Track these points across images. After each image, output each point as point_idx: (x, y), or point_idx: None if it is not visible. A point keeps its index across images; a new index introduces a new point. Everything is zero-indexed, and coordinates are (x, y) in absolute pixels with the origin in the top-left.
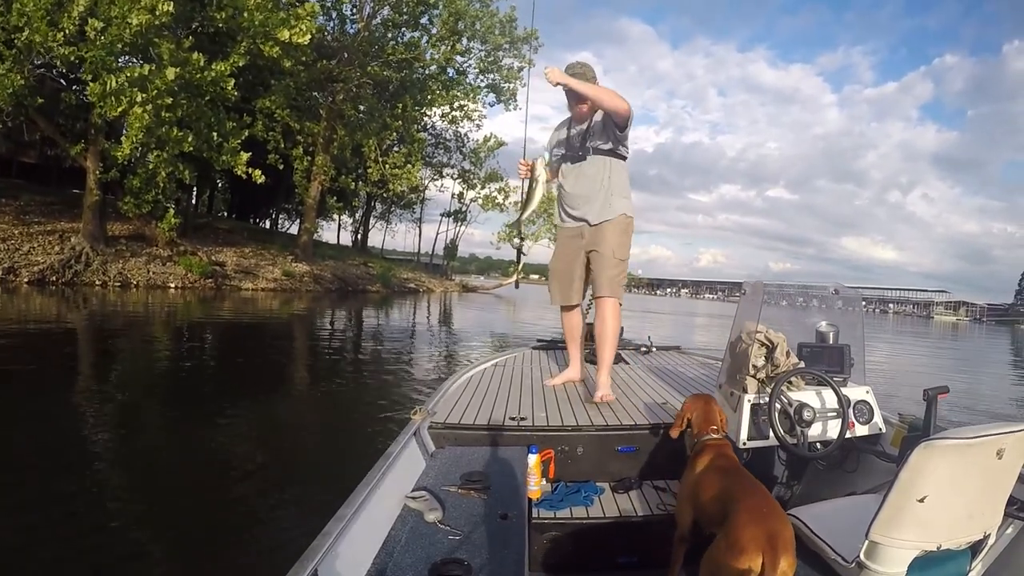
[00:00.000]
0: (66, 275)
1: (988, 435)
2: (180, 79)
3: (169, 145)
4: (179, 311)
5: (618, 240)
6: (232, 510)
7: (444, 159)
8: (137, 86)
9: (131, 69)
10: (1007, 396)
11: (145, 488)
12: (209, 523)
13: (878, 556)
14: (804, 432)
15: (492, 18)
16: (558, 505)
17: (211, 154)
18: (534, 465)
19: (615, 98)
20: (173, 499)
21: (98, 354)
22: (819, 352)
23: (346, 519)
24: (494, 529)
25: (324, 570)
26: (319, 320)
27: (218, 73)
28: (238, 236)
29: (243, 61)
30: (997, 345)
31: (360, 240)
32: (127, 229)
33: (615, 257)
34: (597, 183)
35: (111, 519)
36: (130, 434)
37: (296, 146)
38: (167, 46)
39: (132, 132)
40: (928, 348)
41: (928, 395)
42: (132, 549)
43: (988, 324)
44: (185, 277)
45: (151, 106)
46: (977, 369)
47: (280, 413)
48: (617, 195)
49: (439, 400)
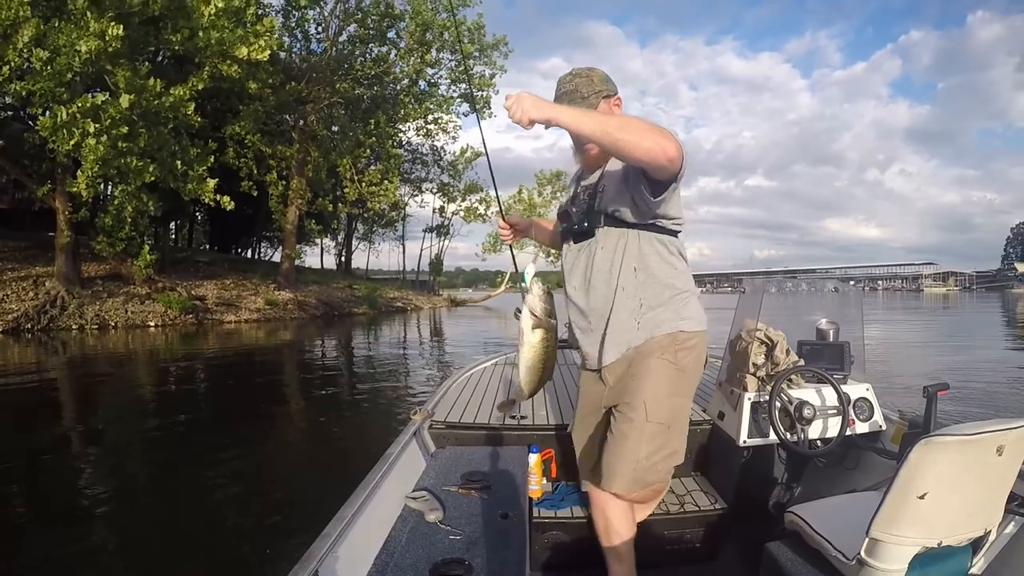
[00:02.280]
0: (41, 321)
1: (988, 432)
2: (137, 106)
3: (131, 177)
4: (161, 350)
5: (661, 385)
6: (232, 519)
7: (422, 174)
8: (90, 116)
9: (83, 99)
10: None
11: (143, 522)
12: (208, 531)
13: (879, 553)
14: (804, 430)
15: (460, 27)
16: (559, 504)
17: (176, 183)
18: (535, 465)
19: (643, 133)
20: (173, 511)
21: (81, 402)
22: (819, 349)
23: (347, 519)
24: (495, 529)
25: (325, 570)
26: (306, 348)
27: (176, 98)
28: (218, 268)
29: (202, 84)
30: (989, 311)
31: (344, 262)
32: (103, 269)
33: (649, 420)
34: (610, 283)
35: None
36: (123, 472)
37: (270, 171)
38: (123, 73)
39: (87, 165)
40: (921, 323)
41: (928, 392)
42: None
43: (978, 291)
44: (164, 314)
45: (106, 137)
46: (974, 341)
47: (274, 442)
48: (652, 302)
49: (439, 400)
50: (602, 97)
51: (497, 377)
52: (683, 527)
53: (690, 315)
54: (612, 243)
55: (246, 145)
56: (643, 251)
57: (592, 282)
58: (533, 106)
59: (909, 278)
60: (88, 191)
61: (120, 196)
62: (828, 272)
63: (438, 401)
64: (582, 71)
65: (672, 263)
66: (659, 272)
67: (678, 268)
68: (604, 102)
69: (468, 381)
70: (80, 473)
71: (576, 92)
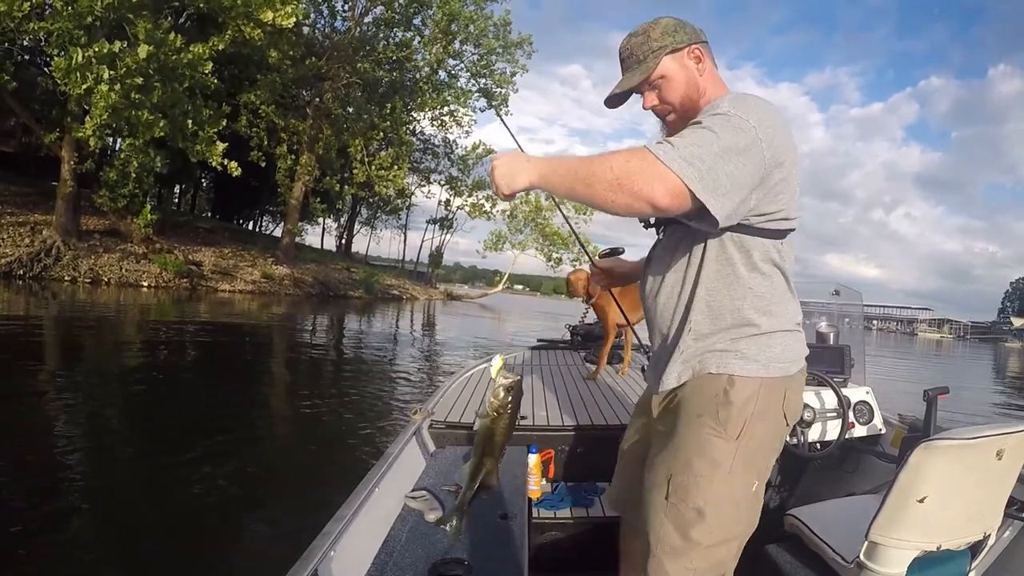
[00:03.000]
0: (34, 269)
1: (988, 436)
2: (154, 59)
3: (140, 131)
4: (152, 310)
5: (706, 438)
6: (229, 517)
7: (432, 165)
8: (105, 63)
9: (100, 44)
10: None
11: (128, 504)
12: (205, 529)
13: (878, 556)
14: (804, 433)
15: (486, 21)
16: (558, 505)
17: (185, 143)
18: (534, 465)
19: (614, 183)
20: (166, 508)
21: (64, 356)
22: (819, 352)
23: (346, 519)
24: (495, 529)
25: (324, 570)
26: (299, 326)
27: (195, 56)
28: (219, 236)
29: (223, 45)
30: (980, 361)
31: (345, 245)
32: (102, 224)
33: (692, 476)
34: (664, 294)
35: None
36: (109, 446)
37: (280, 144)
38: (144, 25)
39: (96, 112)
40: (915, 363)
41: (928, 396)
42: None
43: (971, 341)
44: (159, 276)
45: (119, 86)
46: (964, 384)
47: (271, 423)
48: (705, 327)
49: (439, 400)
50: (666, 53)
51: None
52: None
53: (755, 354)
54: (675, 243)
55: (260, 115)
56: (708, 256)
57: (648, 290)
58: (502, 180)
59: (904, 321)
60: (96, 141)
61: (127, 150)
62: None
63: (438, 401)
64: (640, 28)
65: (748, 278)
66: (725, 287)
67: (755, 287)
68: (672, 59)
69: (468, 381)
70: (57, 450)
71: (632, 57)
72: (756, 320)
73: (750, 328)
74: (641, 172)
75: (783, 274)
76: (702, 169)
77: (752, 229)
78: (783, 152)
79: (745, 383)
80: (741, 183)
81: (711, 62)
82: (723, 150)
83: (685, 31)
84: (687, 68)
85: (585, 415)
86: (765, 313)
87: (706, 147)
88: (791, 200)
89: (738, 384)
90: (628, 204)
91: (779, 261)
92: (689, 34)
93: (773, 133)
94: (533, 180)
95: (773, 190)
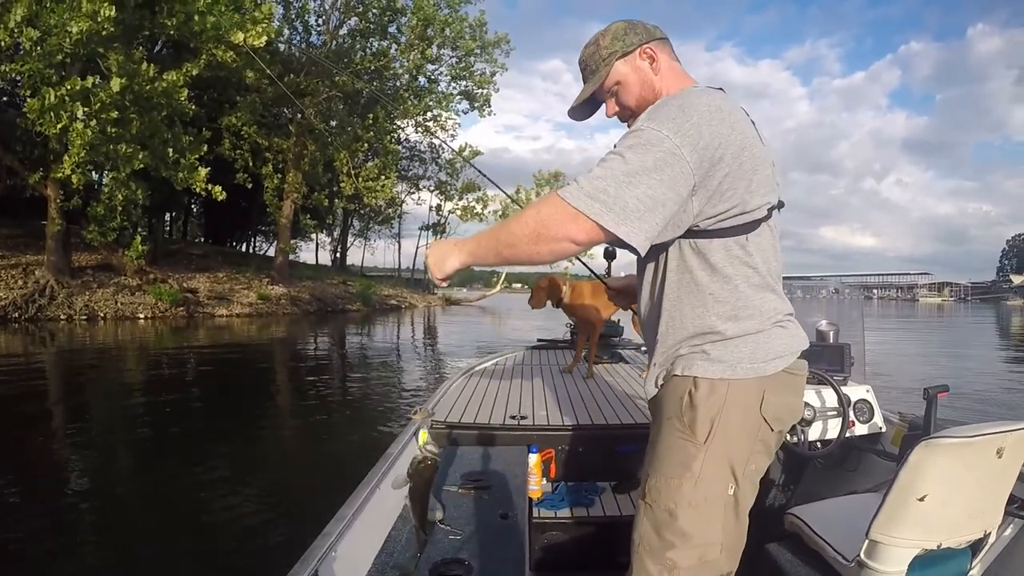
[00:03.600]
0: (29, 311)
1: (988, 434)
2: (129, 92)
3: (120, 163)
4: (151, 343)
5: (675, 441)
6: (230, 518)
7: (420, 171)
8: (79, 100)
9: (72, 81)
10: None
11: (131, 506)
12: (207, 530)
13: (878, 555)
14: (804, 431)
15: (462, 23)
16: (559, 505)
17: (168, 172)
18: (534, 465)
19: (532, 238)
20: (170, 510)
21: (66, 395)
22: (819, 351)
23: (346, 519)
24: (495, 529)
25: (324, 570)
26: (300, 344)
27: (170, 83)
28: (212, 260)
29: (196, 70)
30: (984, 323)
31: (340, 259)
32: (94, 259)
33: (663, 479)
34: (647, 311)
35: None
36: (109, 469)
37: (265, 163)
38: (116, 57)
39: (74, 150)
40: (919, 331)
41: (928, 394)
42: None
43: (972, 303)
44: (155, 306)
45: (95, 121)
46: (969, 351)
47: (269, 441)
48: (681, 337)
49: (439, 400)
50: (617, 58)
51: (497, 377)
52: None
53: (720, 355)
54: (645, 257)
55: (242, 137)
56: (669, 267)
57: (638, 302)
58: (435, 267)
59: (904, 287)
60: (79, 178)
61: (110, 184)
62: (823, 280)
63: (438, 401)
64: (593, 38)
65: (708, 284)
66: (686, 296)
67: (716, 293)
68: (623, 63)
69: (468, 381)
70: (64, 472)
71: (587, 68)
72: (719, 327)
73: (714, 335)
74: (553, 218)
75: (755, 269)
76: (608, 201)
77: (707, 232)
78: (720, 148)
79: (710, 385)
80: (660, 200)
81: (668, 58)
82: (630, 174)
83: (635, 32)
84: (640, 70)
85: (586, 415)
86: (730, 319)
87: (610, 176)
88: (748, 191)
89: (702, 386)
90: (551, 250)
91: (746, 257)
92: (640, 35)
93: (698, 133)
94: (463, 259)
95: (718, 190)
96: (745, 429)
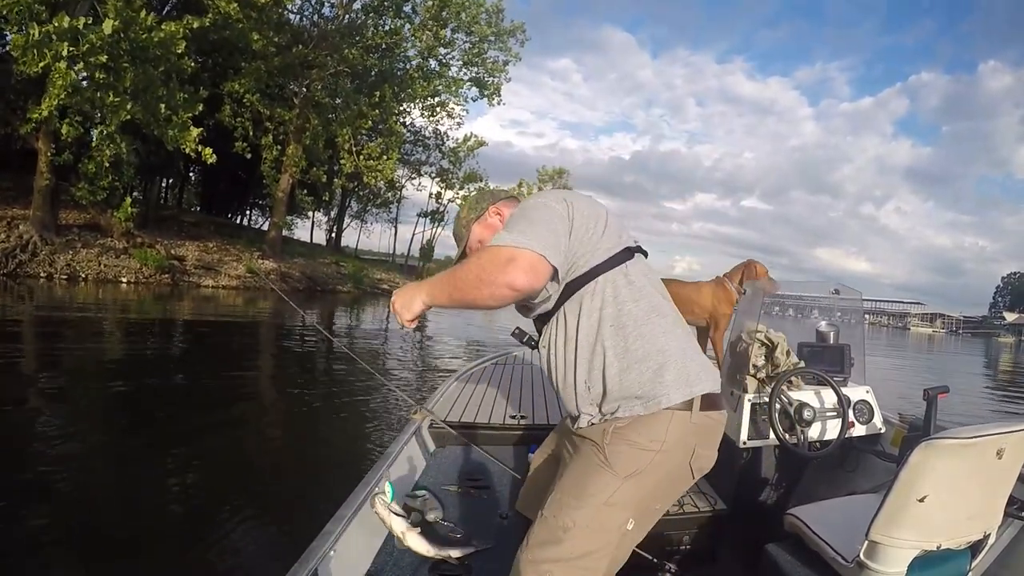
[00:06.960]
0: (9, 265)
1: (988, 435)
2: (121, 35)
3: (107, 114)
4: (132, 308)
5: (594, 467)
6: (229, 518)
7: (422, 157)
8: (66, 39)
9: (60, 18)
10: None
11: (124, 507)
12: (205, 530)
13: (878, 556)
14: (804, 432)
15: (478, 8)
16: None
17: (159, 128)
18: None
19: (477, 284)
20: (165, 510)
21: (39, 357)
22: (819, 352)
23: (346, 519)
24: (494, 529)
25: (324, 570)
26: (287, 322)
27: (167, 34)
28: (203, 229)
29: (197, 23)
30: (974, 356)
31: (334, 239)
32: (82, 218)
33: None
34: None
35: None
36: (98, 450)
37: (266, 134)
38: (114, 2)
39: (53, 91)
40: (910, 360)
41: (928, 395)
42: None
43: (963, 336)
44: (139, 271)
45: (81, 64)
46: (962, 381)
47: (267, 424)
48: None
49: (439, 400)
50: (473, 223)
51: (497, 377)
52: (682, 529)
53: (643, 391)
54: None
55: (244, 104)
56: (579, 330)
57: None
58: (403, 309)
59: (897, 315)
60: (69, 130)
61: (97, 138)
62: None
63: (438, 401)
64: (457, 212)
65: (606, 335)
66: (589, 355)
67: (609, 345)
68: (479, 225)
69: (468, 381)
70: (34, 450)
71: (456, 235)
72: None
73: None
74: (492, 262)
75: (644, 300)
76: (529, 233)
77: (581, 277)
78: (572, 212)
79: (636, 423)
80: (557, 231)
81: (515, 206)
82: (530, 220)
83: (484, 198)
84: (492, 226)
85: None
86: (624, 371)
87: (518, 222)
88: (594, 248)
89: (630, 424)
90: (491, 294)
91: (625, 290)
92: (487, 199)
93: (551, 201)
94: (425, 300)
95: (578, 238)
96: (662, 469)
